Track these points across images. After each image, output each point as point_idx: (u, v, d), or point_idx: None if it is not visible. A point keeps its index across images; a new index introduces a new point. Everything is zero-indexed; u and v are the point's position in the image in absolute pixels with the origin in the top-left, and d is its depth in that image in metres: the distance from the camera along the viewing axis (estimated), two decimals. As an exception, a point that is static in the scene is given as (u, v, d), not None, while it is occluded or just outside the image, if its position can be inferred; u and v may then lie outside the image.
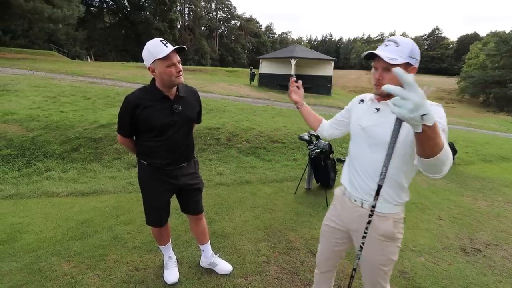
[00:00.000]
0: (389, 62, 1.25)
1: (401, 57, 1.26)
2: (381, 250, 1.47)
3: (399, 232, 1.46)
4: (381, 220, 1.44)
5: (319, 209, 3.66)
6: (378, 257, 1.48)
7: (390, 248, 1.46)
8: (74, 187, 4.12)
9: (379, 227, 1.44)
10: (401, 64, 1.25)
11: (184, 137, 1.97)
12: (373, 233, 1.46)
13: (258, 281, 2.34)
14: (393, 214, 1.44)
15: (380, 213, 1.44)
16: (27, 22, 25.65)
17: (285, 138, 6.43)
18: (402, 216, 1.47)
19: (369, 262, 1.52)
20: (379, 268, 1.50)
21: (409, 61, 1.27)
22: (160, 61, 1.66)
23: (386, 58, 1.25)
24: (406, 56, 1.26)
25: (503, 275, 2.61)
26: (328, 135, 1.85)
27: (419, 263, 2.69)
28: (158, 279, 2.28)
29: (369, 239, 1.47)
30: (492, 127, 14.65)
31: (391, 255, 1.47)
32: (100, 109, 7.54)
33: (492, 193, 4.70)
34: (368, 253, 1.51)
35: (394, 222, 1.44)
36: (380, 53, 1.28)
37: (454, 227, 3.44)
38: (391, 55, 1.26)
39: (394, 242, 1.46)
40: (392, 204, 1.42)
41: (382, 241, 1.45)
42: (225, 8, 74.41)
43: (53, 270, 2.35)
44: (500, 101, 35.76)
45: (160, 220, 2.13)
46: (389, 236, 1.44)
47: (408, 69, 1.28)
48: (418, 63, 1.32)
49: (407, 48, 1.27)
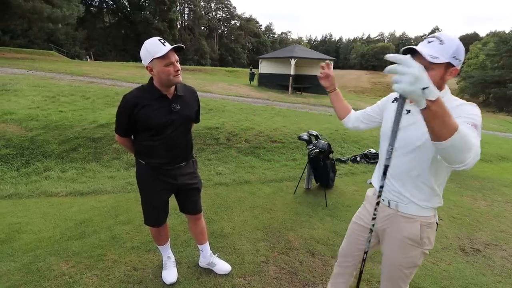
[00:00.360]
0: (430, 60, 1.14)
1: (443, 56, 1.16)
2: (405, 252, 1.42)
3: (428, 237, 1.39)
4: (407, 222, 1.40)
5: (318, 209, 3.66)
6: (400, 259, 1.44)
7: (415, 252, 1.40)
8: (73, 187, 4.11)
9: (405, 228, 1.40)
10: (442, 63, 1.17)
11: (182, 137, 1.96)
12: (398, 234, 1.43)
13: (256, 281, 2.33)
14: (421, 217, 1.38)
15: (406, 214, 1.40)
16: (26, 21, 25.63)
17: (284, 138, 6.43)
18: (434, 221, 1.40)
19: (391, 262, 1.49)
20: (400, 270, 1.46)
21: (451, 61, 1.17)
22: (158, 60, 1.66)
23: (428, 56, 1.15)
24: (450, 55, 1.16)
25: (502, 275, 2.61)
26: (353, 127, 1.75)
27: (418, 263, 2.68)
28: (157, 279, 2.28)
29: (393, 240, 1.45)
30: (491, 127, 14.65)
31: (414, 259, 1.42)
32: (99, 109, 7.53)
33: (492, 193, 4.69)
34: (390, 253, 1.48)
35: (422, 226, 1.37)
36: (423, 49, 1.17)
37: (453, 227, 3.44)
38: (433, 52, 1.16)
39: (420, 247, 1.40)
40: (420, 206, 1.36)
41: (407, 243, 1.40)
42: (225, 8, 74.44)
43: (51, 270, 2.34)
44: (499, 101, 35.75)
45: (158, 220, 2.12)
46: (414, 239, 1.38)
47: (448, 70, 1.20)
48: (461, 64, 1.22)
49: (452, 47, 1.17)
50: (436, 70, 1.18)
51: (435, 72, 1.18)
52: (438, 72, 1.19)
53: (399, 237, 1.42)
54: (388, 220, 1.47)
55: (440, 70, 1.19)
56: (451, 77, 1.22)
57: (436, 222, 1.42)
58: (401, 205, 1.41)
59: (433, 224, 1.40)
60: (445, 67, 1.19)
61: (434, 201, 1.37)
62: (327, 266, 2.55)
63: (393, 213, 1.44)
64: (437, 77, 1.19)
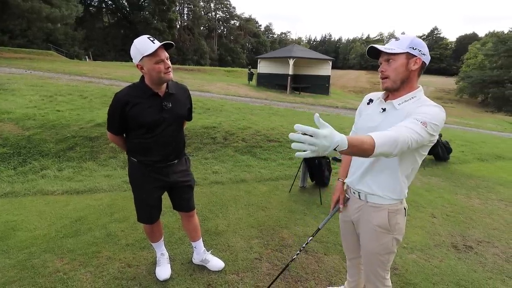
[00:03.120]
0: (386, 51, 1.33)
1: (399, 48, 1.33)
2: (378, 240, 1.51)
3: (397, 223, 1.49)
4: (376, 211, 1.50)
5: (312, 207, 3.68)
6: (375, 247, 1.53)
7: (387, 239, 1.50)
8: (69, 186, 4.13)
9: (374, 217, 1.50)
10: (400, 53, 1.32)
11: (174, 134, 1.98)
12: (369, 224, 1.53)
13: (249, 277, 2.35)
14: (388, 205, 1.47)
15: (374, 204, 1.50)
16: (25, 21, 25.63)
17: (281, 137, 6.45)
18: (401, 207, 1.51)
19: (367, 251, 1.59)
20: (376, 257, 1.55)
21: (410, 52, 1.32)
22: (148, 58, 1.67)
23: (385, 49, 1.34)
24: (406, 46, 1.32)
25: (493, 271, 2.63)
26: None
27: (410, 259, 2.71)
28: (150, 276, 2.30)
29: (366, 229, 1.56)
30: (489, 127, 14.70)
31: (388, 245, 1.51)
32: (96, 108, 7.55)
33: (486, 191, 4.72)
34: (365, 242, 1.59)
35: (390, 213, 1.47)
36: (379, 46, 1.36)
37: (446, 225, 3.46)
38: (390, 46, 1.35)
39: (390, 233, 1.49)
40: (385, 197, 1.46)
41: (378, 231, 1.50)
42: (224, 8, 74.38)
43: (46, 267, 2.36)
44: (498, 101, 35.83)
45: (151, 217, 2.14)
46: (384, 227, 1.49)
47: (411, 60, 1.33)
48: (426, 56, 1.35)
49: (407, 40, 1.33)
50: (397, 61, 1.34)
51: (397, 63, 1.33)
52: (400, 62, 1.33)
53: (370, 226, 1.52)
54: (361, 210, 1.57)
55: (401, 61, 1.33)
56: (417, 67, 1.34)
57: (404, 208, 1.51)
58: (369, 196, 1.51)
59: (400, 210, 1.50)
60: (406, 58, 1.33)
61: (400, 192, 1.46)
62: (319, 263, 2.58)
63: (363, 204, 1.55)
64: (401, 67, 1.33)
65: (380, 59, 1.40)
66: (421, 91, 1.40)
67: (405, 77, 1.36)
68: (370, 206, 1.51)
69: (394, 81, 1.36)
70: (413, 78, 1.38)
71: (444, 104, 37.75)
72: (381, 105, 1.47)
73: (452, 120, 15.07)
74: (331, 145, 0.93)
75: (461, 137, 9.18)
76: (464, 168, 6.03)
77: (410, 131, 1.17)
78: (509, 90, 32.84)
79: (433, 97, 40.26)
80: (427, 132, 1.22)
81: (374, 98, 1.56)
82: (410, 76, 1.36)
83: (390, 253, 1.54)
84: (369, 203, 1.52)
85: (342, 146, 0.96)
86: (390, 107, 1.42)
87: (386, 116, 1.42)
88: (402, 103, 1.37)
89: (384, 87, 1.41)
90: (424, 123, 1.21)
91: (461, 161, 6.51)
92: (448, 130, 10.49)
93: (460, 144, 7.92)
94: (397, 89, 1.39)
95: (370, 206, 1.51)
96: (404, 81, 1.36)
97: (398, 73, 1.34)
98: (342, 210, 1.75)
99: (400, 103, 1.38)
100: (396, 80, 1.36)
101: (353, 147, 1.01)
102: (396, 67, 1.34)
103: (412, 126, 1.19)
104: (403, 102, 1.37)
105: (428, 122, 1.22)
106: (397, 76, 1.35)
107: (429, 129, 1.22)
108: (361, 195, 1.55)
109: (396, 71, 1.34)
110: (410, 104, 1.35)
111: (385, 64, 1.37)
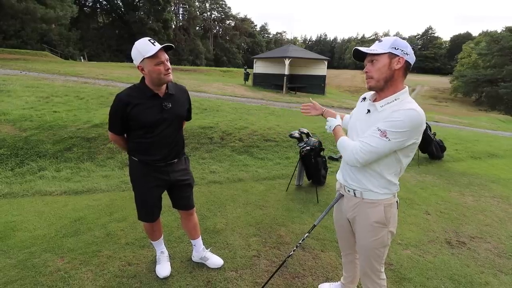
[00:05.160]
0: (368, 52, 1.42)
1: (381, 48, 1.40)
2: (375, 235, 1.58)
3: (391, 216, 1.56)
4: (372, 207, 1.55)
5: (309, 205, 3.74)
6: (372, 242, 1.59)
7: (383, 233, 1.57)
8: (68, 186, 4.14)
9: (371, 214, 1.56)
10: (383, 53, 1.39)
11: (174, 134, 2.03)
12: (367, 221, 1.58)
13: (248, 274, 2.40)
14: (383, 200, 1.54)
15: (370, 200, 1.56)
16: (19, 22, 25.34)
17: (278, 136, 6.50)
18: (394, 201, 1.58)
19: (364, 245, 1.65)
20: (373, 251, 1.61)
21: (392, 51, 1.38)
22: (148, 59, 1.72)
23: (366, 50, 1.43)
24: (388, 47, 1.38)
25: (485, 266, 2.70)
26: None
27: (405, 255, 2.77)
28: (150, 273, 2.34)
29: (363, 226, 1.61)
30: (483, 125, 14.86)
31: (384, 239, 1.58)
32: (93, 109, 7.54)
33: (479, 188, 4.81)
34: (362, 238, 1.64)
35: (385, 207, 1.54)
36: (362, 48, 1.46)
37: (440, 221, 3.54)
38: (372, 47, 1.43)
39: (386, 227, 1.56)
40: (379, 193, 1.53)
41: (376, 226, 1.56)
42: (220, 8, 74.25)
43: (47, 266, 2.39)
44: (491, 100, 36.21)
45: (151, 215, 2.18)
46: (381, 221, 1.55)
47: (393, 60, 1.39)
48: (410, 56, 1.40)
49: (389, 41, 1.40)
50: (380, 61, 1.41)
51: (380, 63, 1.40)
52: (383, 62, 1.40)
53: (368, 222, 1.58)
54: (357, 208, 1.62)
55: (383, 60, 1.40)
56: (400, 66, 1.39)
57: (396, 201, 1.59)
58: (364, 193, 1.56)
59: (393, 204, 1.57)
60: (388, 57, 1.39)
61: (391, 188, 1.53)
62: (316, 260, 2.63)
63: (359, 201, 1.60)
64: (384, 67, 1.40)
65: (365, 61, 1.47)
66: (406, 92, 1.44)
67: (389, 76, 1.41)
68: (367, 202, 1.57)
69: (377, 81, 1.42)
70: (398, 78, 1.43)
71: (439, 103, 38.15)
72: (368, 106, 1.54)
73: (446, 119, 15.22)
74: (329, 126, 1.76)
75: (455, 135, 9.29)
76: (457, 166, 6.13)
77: (358, 147, 1.43)
78: (502, 89, 33.16)
79: (428, 97, 40.34)
80: (386, 141, 1.35)
81: (367, 97, 1.63)
82: (394, 76, 1.41)
83: (385, 246, 1.61)
84: (365, 200, 1.57)
85: (332, 128, 1.73)
86: (374, 109, 1.49)
87: (369, 117, 1.50)
88: (384, 105, 1.44)
89: (368, 86, 1.48)
90: (384, 133, 1.33)
91: (455, 159, 6.61)
92: (442, 129, 10.61)
93: (454, 142, 8.03)
94: (382, 89, 1.45)
95: (367, 203, 1.57)
96: (388, 81, 1.42)
97: (382, 73, 1.40)
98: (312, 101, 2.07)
99: (383, 105, 1.44)
100: (379, 80, 1.42)
101: (335, 132, 1.70)
102: (380, 67, 1.40)
103: (368, 140, 1.40)
104: (386, 104, 1.43)
105: (388, 131, 1.33)
106: (380, 76, 1.41)
107: (391, 137, 1.34)
108: (356, 192, 1.59)
109: (380, 71, 1.40)
110: (391, 106, 1.41)
111: (369, 65, 1.44)
